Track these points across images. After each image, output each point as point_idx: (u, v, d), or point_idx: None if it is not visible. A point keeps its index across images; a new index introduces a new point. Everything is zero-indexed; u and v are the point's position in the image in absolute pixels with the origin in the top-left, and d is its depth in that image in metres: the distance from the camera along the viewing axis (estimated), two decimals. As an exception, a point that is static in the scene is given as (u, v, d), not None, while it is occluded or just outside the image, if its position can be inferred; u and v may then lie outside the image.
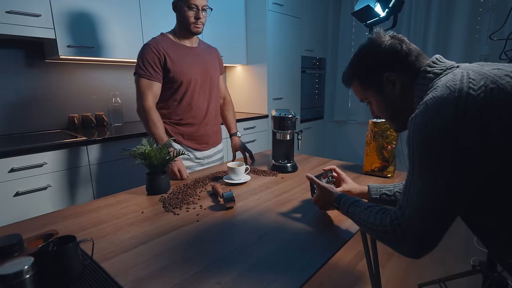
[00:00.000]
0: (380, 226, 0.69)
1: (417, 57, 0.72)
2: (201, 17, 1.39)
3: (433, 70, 0.68)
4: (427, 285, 1.70)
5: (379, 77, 0.75)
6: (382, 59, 0.74)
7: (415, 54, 0.72)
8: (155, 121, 1.37)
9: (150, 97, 1.38)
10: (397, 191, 0.95)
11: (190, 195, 1.11)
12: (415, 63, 0.72)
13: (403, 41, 0.74)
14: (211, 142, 1.60)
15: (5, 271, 0.53)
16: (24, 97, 1.99)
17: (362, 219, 0.75)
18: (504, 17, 2.38)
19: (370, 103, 0.83)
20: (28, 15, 1.66)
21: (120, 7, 2.05)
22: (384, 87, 0.75)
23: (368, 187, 1.00)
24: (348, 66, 0.83)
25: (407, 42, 0.74)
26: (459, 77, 0.59)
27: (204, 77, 1.50)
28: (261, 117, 2.92)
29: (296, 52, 3.22)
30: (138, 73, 1.37)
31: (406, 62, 0.72)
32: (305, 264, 0.69)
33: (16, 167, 1.52)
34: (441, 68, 0.68)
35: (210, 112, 1.55)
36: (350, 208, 0.80)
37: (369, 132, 1.32)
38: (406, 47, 0.73)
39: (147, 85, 1.37)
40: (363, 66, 0.78)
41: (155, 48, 1.36)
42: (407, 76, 0.72)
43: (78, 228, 0.88)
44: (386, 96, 0.76)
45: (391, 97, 0.76)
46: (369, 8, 2.30)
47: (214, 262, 0.70)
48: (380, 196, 0.97)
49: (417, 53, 0.73)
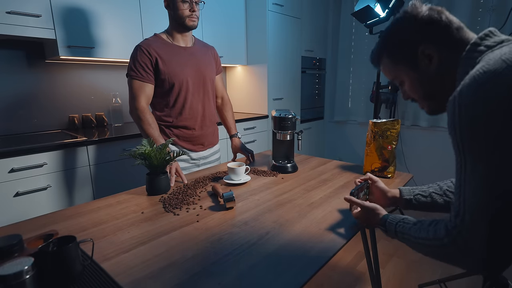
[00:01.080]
0: (435, 240, 0.59)
1: (458, 29, 0.65)
2: (195, 9, 1.38)
3: (485, 43, 0.60)
4: (428, 285, 1.70)
5: (413, 51, 0.68)
6: (417, 30, 0.67)
7: (455, 26, 0.65)
8: (150, 122, 1.36)
9: (143, 98, 1.37)
10: (432, 192, 0.88)
11: (190, 195, 1.11)
12: (457, 36, 0.64)
13: (442, 12, 0.66)
14: (207, 143, 1.59)
15: (5, 271, 0.53)
16: (24, 98, 1.99)
17: (413, 236, 0.66)
18: (504, 17, 2.38)
19: (402, 83, 0.74)
20: (28, 16, 1.67)
21: (120, 8, 2.05)
22: (419, 62, 0.68)
23: (399, 190, 0.93)
24: (378, 42, 0.75)
25: (447, 13, 0.66)
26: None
27: (198, 78, 1.48)
28: (261, 117, 2.92)
29: (296, 53, 3.22)
30: (130, 75, 1.37)
31: (446, 34, 0.65)
32: (305, 265, 0.69)
33: (16, 167, 1.52)
34: (495, 41, 0.60)
35: (205, 113, 1.54)
36: (398, 227, 0.71)
37: (369, 132, 1.32)
38: (445, 18, 0.65)
39: (140, 86, 1.36)
40: (395, 38, 0.71)
41: (147, 50, 1.35)
42: (447, 50, 0.65)
43: (78, 228, 0.88)
44: (421, 73, 0.68)
45: (427, 73, 0.68)
46: (369, 8, 2.30)
47: (214, 263, 0.70)
48: (414, 196, 0.89)
49: (458, 25, 0.65)
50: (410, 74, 0.71)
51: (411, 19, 0.68)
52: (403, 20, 0.70)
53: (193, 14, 1.38)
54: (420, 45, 0.67)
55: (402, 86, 0.76)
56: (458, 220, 0.55)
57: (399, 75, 0.73)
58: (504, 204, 0.51)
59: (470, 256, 0.55)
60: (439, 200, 0.87)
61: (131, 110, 1.38)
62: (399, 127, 1.26)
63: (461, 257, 0.56)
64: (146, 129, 1.35)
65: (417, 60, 0.68)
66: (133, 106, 1.37)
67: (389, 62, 0.74)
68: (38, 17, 1.71)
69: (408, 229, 0.68)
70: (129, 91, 1.38)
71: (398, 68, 0.72)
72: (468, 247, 0.54)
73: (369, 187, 1.02)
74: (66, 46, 1.83)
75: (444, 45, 0.65)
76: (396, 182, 1.25)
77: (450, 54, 0.65)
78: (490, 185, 0.51)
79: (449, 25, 0.65)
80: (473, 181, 0.53)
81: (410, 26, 0.68)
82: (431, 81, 0.68)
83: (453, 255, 0.57)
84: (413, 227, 0.67)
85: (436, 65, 0.66)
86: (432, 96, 0.71)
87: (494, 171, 0.51)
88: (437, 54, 0.66)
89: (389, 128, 1.26)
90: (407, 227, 0.68)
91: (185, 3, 1.36)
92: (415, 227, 0.67)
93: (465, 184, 0.55)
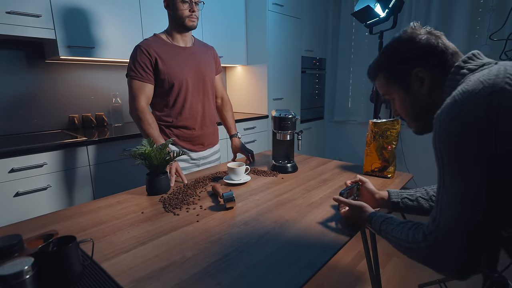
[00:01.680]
0: (413, 243, 0.62)
1: (453, 54, 0.67)
2: (195, 10, 1.38)
3: (468, 66, 0.63)
4: (428, 285, 1.70)
5: (407, 72, 0.70)
6: (415, 53, 0.69)
7: (451, 52, 0.67)
8: (150, 122, 1.36)
9: (142, 98, 1.37)
10: (419, 196, 0.90)
11: (190, 195, 1.11)
12: (450, 61, 0.66)
13: (440, 37, 0.69)
14: (207, 143, 1.59)
15: (5, 271, 0.53)
16: (25, 98, 1.99)
17: (394, 236, 0.69)
18: (504, 17, 2.38)
19: (393, 100, 0.77)
20: (28, 16, 1.67)
21: (120, 8, 2.05)
22: (412, 84, 0.70)
23: (387, 192, 0.96)
24: (376, 59, 0.78)
25: (444, 39, 0.69)
26: (495, 72, 0.54)
27: (198, 78, 1.48)
28: (261, 117, 2.92)
29: (296, 53, 3.22)
30: (130, 75, 1.37)
31: (440, 59, 0.67)
32: (305, 265, 0.69)
33: (16, 168, 1.52)
34: (477, 64, 0.62)
35: (205, 113, 1.54)
36: (382, 225, 0.74)
37: (369, 132, 1.32)
38: (442, 44, 0.68)
39: (139, 86, 1.37)
40: (393, 58, 0.73)
41: (146, 50, 1.35)
42: (439, 74, 0.67)
43: (78, 228, 0.88)
44: (412, 94, 0.71)
45: (418, 95, 0.70)
46: (369, 8, 2.30)
47: (214, 263, 0.70)
48: (401, 200, 0.92)
49: (454, 50, 0.68)
50: (402, 94, 0.73)
51: (409, 41, 0.70)
52: (402, 41, 0.72)
53: (192, 15, 1.38)
54: (414, 68, 0.69)
55: (393, 103, 0.78)
56: (434, 227, 0.59)
57: (392, 92, 0.76)
58: (484, 217, 0.53)
59: (443, 261, 0.58)
60: (425, 204, 0.89)
61: (131, 110, 1.38)
62: (399, 127, 1.26)
63: (435, 261, 0.59)
64: (146, 129, 1.35)
65: (410, 82, 0.71)
66: (133, 106, 1.37)
67: (384, 80, 0.76)
68: (38, 17, 1.71)
69: (391, 230, 0.71)
70: (129, 91, 1.38)
71: (391, 86, 0.75)
72: (442, 253, 0.57)
73: (359, 188, 1.03)
74: (66, 46, 1.83)
75: (436, 69, 0.68)
76: (396, 182, 1.25)
77: (442, 77, 0.67)
78: (471, 200, 0.53)
79: (444, 51, 0.67)
80: (451, 195, 0.56)
81: (408, 48, 0.70)
82: (421, 103, 0.71)
83: (428, 258, 0.61)
84: (396, 228, 0.70)
85: (427, 88, 0.69)
86: (420, 117, 0.73)
87: (474, 187, 0.53)
88: (429, 77, 0.68)
89: (389, 128, 1.26)
90: (390, 228, 0.72)
91: (185, 3, 1.36)
92: (397, 228, 0.69)
93: (442, 195, 0.58)
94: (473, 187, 0.52)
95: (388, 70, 0.75)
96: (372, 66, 0.79)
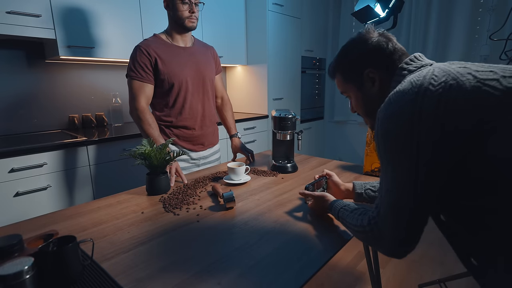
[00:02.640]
0: (360, 227, 0.70)
1: (401, 56, 0.72)
2: (195, 11, 1.38)
3: (409, 67, 0.69)
4: (428, 285, 1.70)
5: (360, 72, 0.75)
6: (365, 54, 0.74)
7: (399, 54, 0.72)
8: (150, 122, 1.36)
9: (142, 98, 1.37)
10: None
11: (190, 195, 1.11)
12: (397, 62, 0.72)
13: (390, 40, 0.74)
14: (207, 143, 1.59)
15: (5, 271, 0.53)
16: (24, 97, 1.99)
17: (348, 222, 0.76)
18: (504, 17, 2.38)
19: (350, 98, 0.82)
20: (28, 16, 1.67)
21: (120, 8, 2.05)
22: (364, 83, 0.76)
23: (353, 184, 1.01)
24: (334, 58, 0.83)
25: (394, 42, 0.74)
26: (424, 73, 0.60)
27: (197, 78, 1.48)
28: (261, 117, 2.92)
29: (296, 52, 3.22)
30: (129, 75, 1.37)
31: (388, 61, 0.72)
32: (305, 264, 0.69)
33: (16, 167, 1.52)
34: (416, 66, 0.68)
35: (205, 113, 1.54)
36: (340, 213, 0.81)
37: (369, 132, 1.32)
38: (391, 46, 0.73)
39: (139, 87, 1.37)
40: (347, 59, 0.79)
41: (146, 50, 1.35)
42: (387, 75, 0.72)
43: (78, 228, 0.88)
44: (365, 93, 0.77)
45: (369, 94, 0.76)
46: (369, 8, 2.30)
47: (214, 263, 0.70)
48: (365, 191, 0.98)
49: (401, 52, 0.73)
50: (356, 93, 0.79)
51: (361, 42, 0.75)
52: (356, 43, 0.77)
53: (192, 16, 1.38)
54: (366, 68, 0.74)
55: (350, 101, 0.84)
56: (376, 213, 0.66)
57: (348, 91, 0.81)
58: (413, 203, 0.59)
59: (382, 243, 0.65)
60: None
61: (131, 110, 1.38)
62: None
63: (377, 243, 0.66)
64: (146, 129, 1.35)
65: (363, 81, 0.76)
66: (133, 106, 1.37)
67: (341, 78, 0.81)
68: (38, 17, 1.71)
69: (346, 216, 0.78)
70: (129, 91, 1.38)
71: (347, 85, 0.80)
72: (381, 236, 0.64)
73: (327, 182, 1.08)
74: (66, 46, 1.83)
75: (385, 70, 0.73)
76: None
77: (390, 78, 0.72)
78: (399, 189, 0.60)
79: (393, 52, 0.72)
80: (387, 183, 0.63)
81: (360, 50, 0.75)
82: (372, 101, 0.76)
83: (371, 241, 0.68)
84: (350, 214, 0.77)
85: (377, 87, 0.74)
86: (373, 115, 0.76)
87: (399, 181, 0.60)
88: (379, 77, 0.73)
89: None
90: (345, 214, 0.78)
91: (185, 4, 1.36)
92: (351, 214, 0.76)
93: (383, 183, 0.64)
94: (406, 174, 0.58)
95: (344, 69, 0.80)
96: (330, 65, 0.84)
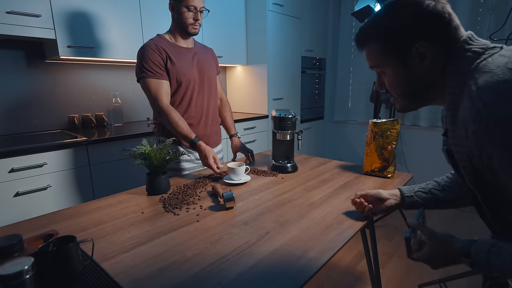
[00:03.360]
0: None
1: (457, 28, 0.59)
2: (199, 18, 1.39)
3: (472, 48, 0.57)
4: (428, 285, 1.70)
5: (408, 45, 0.60)
6: (420, 22, 0.59)
7: (454, 25, 0.58)
8: (176, 119, 1.34)
9: (164, 96, 1.34)
10: (432, 188, 0.87)
11: (190, 195, 1.11)
12: (454, 37, 0.58)
13: (446, 5, 0.59)
14: (211, 142, 1.59)
15: (5, 271, 0.53)
16: (24, 97, 1.99)
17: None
18: (504, 17, 2.38)
19: (383, 74, 0.67)
20: (28, 16, 1.66)
21: (120, 8, 2.05)
22: (410, 59, 0.61)
23: (399, 189, 0.93)
24: (371, 20, 0.65)
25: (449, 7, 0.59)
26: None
27: (202, 78, 1.49)
28: (261, 117, 2.92)
29: (296, 52, 3.22)
30: (143, 76, 1.33)
31: (445, 33, 0.58)
32: (305, 264, 0.69)
33: (16, 167, 1.52)
34: (481, 47, 0.57)
35: (209, 113, 1.55)
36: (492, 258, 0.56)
37: (369, 132, 1.32)
38: (448, 14, 0.58)
39: (157, 85, 1.33)
40: (393, 25, 0.61)
41: (156, 48, 1.34)
42: (442, 51, 0.59)
43: (78, 228, 0.88)
44: (408, 71, 0.62)
45: (415, 72, 0.62)
46: (369, 8, 2.30)
47: (214, 263, 0.70)
48: (415, 193, 0.88)
49: (457, 23, 0.59)
50: (397, 68, 0.63)
51: (414, 6, 0.59)
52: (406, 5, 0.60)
53: (196, 23, 1.39)
54: (418, 41, 0.59)
55: (380, 76, 0.69)
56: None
57: (384, 65, 0.66)
58: None
59: None
60: (440, 195, 0.87)
61: (157, 111, 1.35)
62: (399, 127, 1.26)
63: None
64: (176, 128, 1.33)
65: (409, 56, 0.61)
66: (158, 108, 1.34)
67: (377, 49, 0.65)
68: (38, 17, 1.71)
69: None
70: (147, 93, 1.34)
71: (385, 58, 0.64)
72: None
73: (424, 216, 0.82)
74: (66, 46, 1.83)
75: (441, 44, 0.59)
76: (396, 182, 1.25)
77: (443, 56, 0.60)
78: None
79: (449, 22, 0.58)
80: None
81: (414, 15, 0.59)
82: (416, 82, 0.63)
83: None
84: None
85: (427, 66, 0.61)
86: (410, 96, 0.66)
87: None
88: (432, 54, 0.60)
89: (389, 128, 1.26)
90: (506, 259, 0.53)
91: (190, 12, 1.36)
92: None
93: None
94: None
95: (385, 39, 0.63)
96: (363, 30, 0.66)
